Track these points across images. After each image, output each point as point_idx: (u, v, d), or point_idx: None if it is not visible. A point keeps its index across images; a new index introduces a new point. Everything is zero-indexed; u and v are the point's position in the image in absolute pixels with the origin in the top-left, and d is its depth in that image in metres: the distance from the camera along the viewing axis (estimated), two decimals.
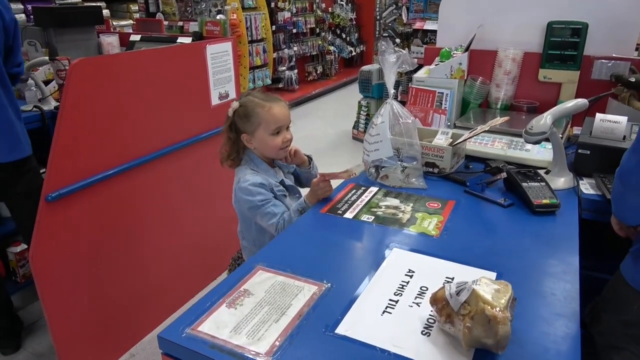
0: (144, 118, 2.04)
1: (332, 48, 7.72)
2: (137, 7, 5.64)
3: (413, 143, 1.46)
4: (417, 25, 4.11)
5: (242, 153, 1.52)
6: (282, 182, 1.52)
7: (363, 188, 1.43)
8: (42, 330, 2.31)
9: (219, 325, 0.85)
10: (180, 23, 5.25)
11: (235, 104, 1.49)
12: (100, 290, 1.99)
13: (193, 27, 4.88)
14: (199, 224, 2.53)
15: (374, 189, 1.42)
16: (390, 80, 1.46)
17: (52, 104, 2.46)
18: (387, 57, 1.43)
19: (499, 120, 1.48)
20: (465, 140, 1.51)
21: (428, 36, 4.19)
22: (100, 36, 2.78)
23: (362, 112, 4.87)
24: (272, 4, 6.11)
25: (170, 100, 2.16)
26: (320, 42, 7.45)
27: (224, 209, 2.72)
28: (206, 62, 2.34)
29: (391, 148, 1.45)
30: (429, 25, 4.06)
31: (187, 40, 2.50)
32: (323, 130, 5.24)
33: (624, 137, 1.45)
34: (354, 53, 8.35)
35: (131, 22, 5.66)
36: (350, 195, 1.39)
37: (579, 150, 1.49)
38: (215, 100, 2.45)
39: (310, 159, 1.64)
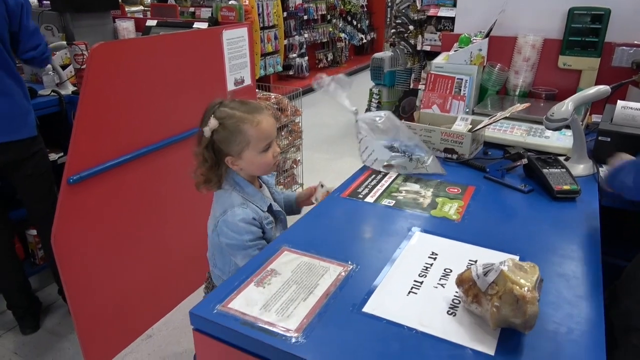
0: (161, 103, 2.05)
1: (342, 35, 7.66)
2: None
3: (400, 131, 1.44)
4: (432, 12, 4.06)
5: (223, 175, 1.29)
6: (269, 209, 1.32)
7: (382, 173, 1.44)
8: (59, 310, 2.36)
9: (248, 302, 0.87)
10: (192, 9, 5.24)
11: (214, 122, 1.21)
12: (118, 273, 2.03)
13: (205, 13, 4.88)
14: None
15: (392, 174, 1.43)
16: (344, 102, 1.43)
17: (70, 88, 2.49)
18: (326, 87, 1.42)
19: (520, 107, 1.47)
20: (485, 126, 1.51)
21: (442, 23, 4.14)
22: (116, 21, 2.79)
23: (373, 99, 4.85)
24: None
25: (187, 85, 2.18)
26: (331, 29, 7.40)
27: None
28: (222, 47, 2.34)
29: (385, 149, 1.43)
30: (443, 12, 4.01)
31: (203, 25, 2.50)
32: (334, 117, 5.22)
33: None
34: (364, 40, 8.28)
35: (142, 7, 5.65)
36: (370, 179, 1.40)
37: (599, 137, 1.48)
38: (231, 86, 2.46)
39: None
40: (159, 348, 2.14)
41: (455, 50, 1.81)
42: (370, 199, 1.28)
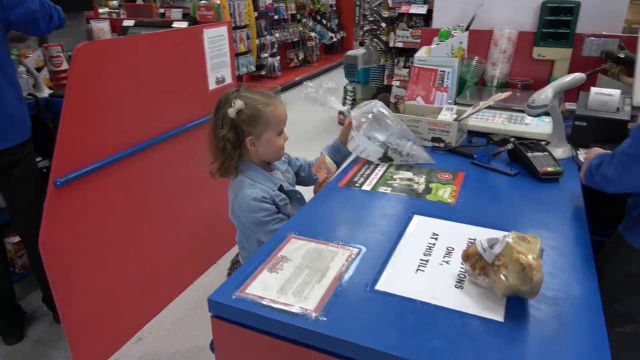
0: (145, 103, 2.04)
1: (313, 34, 7.71)
2: None
3: (390, 127, 1.47)
4: (403, 9, 4.14)
5: (239, 161, 1.38)
6: (280, 188, 1.40)
7: (375, 163, 1.48)
8: (44, 319, 2.31)
9: (265, 287, 0.89)
10: (162, 10, 5.19)
11: (240, 103, 1.30)
12: (106, 275, 2.01)
13: (175, 14, 4.84)
14: (199, 207, 2.55)
15: (385, 164, 1.48)
16: (335, 105, 1.48)
17: (46, 91, 2.44)
18: (315, 95, 1.45)
19: (501, 96, 1.54)
20: (470, 115, 1.57)
21: (413, 20, 4.23)
22: (90, 22, 2.74)
23: (348, 96, 4.91)
24: None
25: (169, 84, 2.17)
26: (301, 29, 7.43)
27: (223, 192, 2.74)
28: (203, 46, 2.34)
29: (376, 146, 1.46)
30: (414, 9, 4.09)
31: (183, 25, 2.49)
32: (309, 116, 5.26)
33: (618, 109, 1.54)
34: (334, 39, 8.36)
35: (107, 9, 5.54)
36: (364, 169, 1.44)
37: (576, 122, 1.57)
38: (212, 85, 2.46)
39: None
40: (150, 351, 2.13)
41: (437, 44, 1.87)
42: (367, 187, 1.32)
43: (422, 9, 4.10)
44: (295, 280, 0.91)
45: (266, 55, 6.54)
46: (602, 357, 0.73)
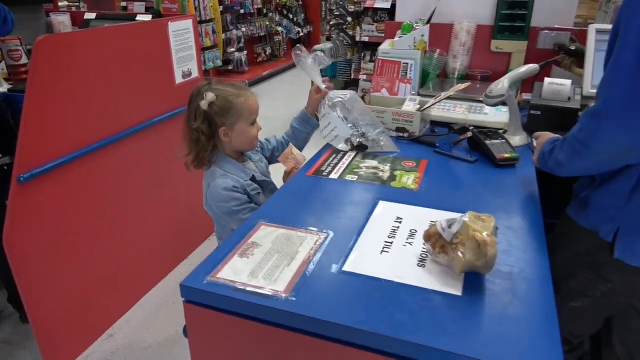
0: (110, 97, 2.01)
1: (280, 29, 7.69)
2: None
3: (361, 112, 1.52)
4: (368, 3, 4.20)
5: (213, 152, 1.41)
6: (253, 178, 1.44)
7: (342, 153, 1.52)
8: (10, 319, 2.26)
9: (236, 271, 0.92)
10: (124, 3, 5.07)
11: (211, 96, 1.34)
12: (75, 272, 1.98)
13: (138, 7, 4.74)
14: (168, 202, 2.54)
15: (351, 153, 1.52)
16: (317, 79, 1.52)
17: (5, 85, 2.36)
18: (304, 61, 1.48)
19: (461, 86, 1.61)
20: (431, 105, 1.64)
21: (378, 14, 4.30)
22: (50, 15, 2.67)
23: None
24: None
25: (135, 78, 2.15)
26: (267, 23, 7.40)
27: (192, 186, 2.74)
28: (169, 39, 2.33)
29: (347, 128, 1.51)
30: (379, 4, 4.16)
31: (147, 18, 2.46)
32: (277, 111, 5.26)
33: (569, 98, 1.63)
34: (301, 34, 8.36)
35: (66, 2, 5.39)
36: (331, 158, 1.48)
37: (531, 111, 1.66)
38: (179, 79, 2.45)
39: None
40: (122, 346, 2.12)
41: (399, 37, 1.93)
42: (334, 175, 1.37)
43: (386, 3, 4.17)
44: (266, 264, 0.94)
45: (233, 49, 6.49)
46: (551, 325, 0.80)
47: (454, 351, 0.74)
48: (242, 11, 6.70)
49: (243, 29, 6.72)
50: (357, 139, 1.51)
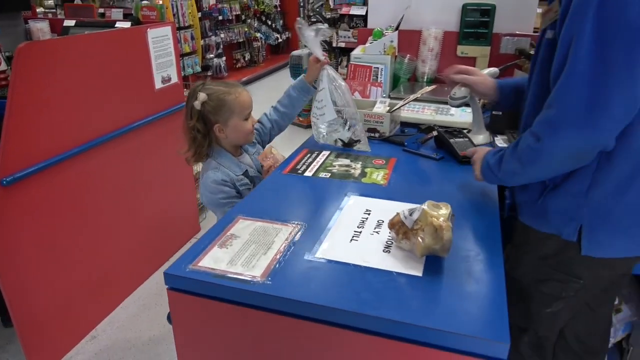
0: (91, 102, 2.07)
1: (258, 35, 7.77)
2: None
3: (348, 104, 1.57)
4: (344, 10, 4.32)
5: (208, 147, 1.51)
6: (245, 174, 1.54)
7: (316, 152, 1.61)
8: None
9: (216, 260, 1.00)
10: (101, 10, 5.08)
11: (203, 96, 1.44)
12: (58, 274, 2.02)
13: (115, 14, 4.76)
14: (150, 205, 2.59)
15: (325, 153, 1.61)
16: (317, 51, 1.55)
17: None
18: (306, 32, 1.50)
19: (427, 89, 1.72)
20: (401, 106, 1.74)
21: (354, 21, 4.42)
22: (29, 22, 2.70)
23: None
24: None
25: (115, 84, 2.20)
26: (246, 29, 7.48)
27: (173, 190, 2.80)
28: (148, 46, 2.39)
29: (334, 111, 1.58)
30: (354, 10, 4.29)
31: (126, 25, 2.52)
32: (257, 116, 5.34)
33: None
34: (280, 40, 8.46)
35: (42, 9, 5.35)
36: (306, 158, 1.56)
37: (493, 112, 1.77)
38: (158, 84, 2.51)
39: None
40: (106, 347, 2.16)
41: (370, 43, 2.03)
42: (308, 173, 1.45)
43: (361, 10, 4.30)
44: (244, 254, 1.02)
45: (211, 56, 6.54)
46: (500, 298, 0.89)
47: (415, 323, 0.83)
48: (220, 18, 6.77)
49: (222, 35, 6.79)
50: (348, 136, 1.59)
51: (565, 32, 0.98)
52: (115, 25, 2.50)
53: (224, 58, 6.76)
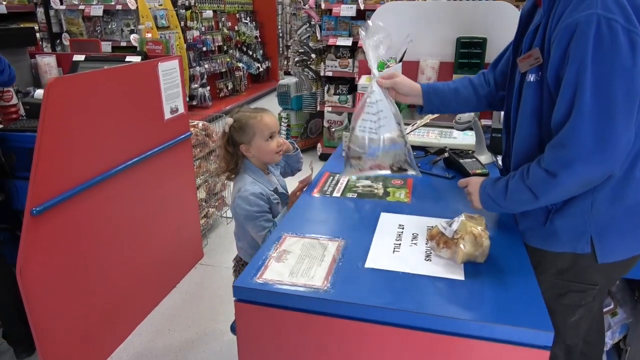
0: (109, 133, 2.15)
1: (240, 65, 7.95)
2: (37, 27, 5.40)
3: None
4: (330, 41, 4.52)
5: (240, 164, 1.71)
6: (275, 190, 1.72)
7: (337, 175, 1.73)
8: (5, 355, 2.26)
9: (277, 273, 1.10)
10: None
11: (230, 120, 1.67)
12: (79, 302, 2.05)
13: (105, 47, 4.85)
14: (158, 232, 2.64)
15: (345, 177, 1.73)
16: (371, 61, 1.51)
17: None
18: (368, 40, 1.47)
19: (434, 115, 1.88)
20: (411, 131, 1.89)
21: (340, 51, 4.63)
22: (36, 57, 2.77)
23: (282, 123, 5.17)
24: (182, 23, 6.20)
25: (130, 115, 2.29)
26: (228, 59, 7.64)
27: (178, 217, 2.86)
28: (159, 79, 2.49)
29: (395, 123, 1.46)
30: (340, 42, 4.49)
31: (136, 59, 2.62)
32: None
33: None
34: (260, 69, 8.65)
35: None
36: (330, 181, 1.68)
37: (493, 134, 1.94)
38: (167, 115, 2.60)
39: (293, 144, 1.85)
40: None
41: None
42: (336, 194, 1.57)
43: (347, 42, 4.51)
44: (301, 266, 1.12)
45: (196, 85, 6.66)
46: (535, 295, 1.02)
47: (469, 319, 0.95)
48: (204, 49, 6.92)
49: (206, 66, 6.92)
50: (398, 164, 1.52)
51: (568, 78, 1.09)
52: (126, 60, 2.60)
53: (208, 88, 6.88)
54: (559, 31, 1.11)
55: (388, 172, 1.54)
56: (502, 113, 1.67)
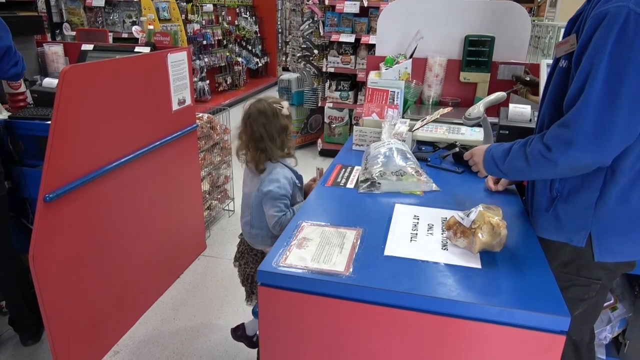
0: (119, 123, 2.16)
1: (239, 59, 7.94)
2: None
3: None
4: (333, 37, 4.55)
5: (258, 152, 1.78)
6: (298, 176, 1.85)
7: (350, 167, 1.76)
8: (11, 342, 2.28)
9: (300, 258, 1.12)
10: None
11: (252, 109, 1.78)
12: (87, 289, 2.07)
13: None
14: (163, 223, 2.66)
15: (358, 167, 1.77)
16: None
17: (5, 113, 2.43)
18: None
19: (445, 111, 1.91)
20: (421, 127, 1.92)
21: (343, 47, 4.66)
22: (43, 45, 2.77)
23: None
24: (183, 16, 6.19)
25: (139, 106, 2.30)
26: (228, 54, 7.64)
27: (183, 208, 2.88)
28: (168, 70, 2.51)
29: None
30: (343, 38, 4.52)
31: (145, 50, 2.63)
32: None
33: (530, 120, 1.97)
34: (259, 64, 8.65)
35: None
36: (342, 172, 1.71)
37: (500, 131, 1.97)
38: (175, 106, 2.61)
39: None
40: None
41: (385, 69, 2.22)
42: (350, 185, 1.60)
43: (350, 38, 4.54)
44: (322, 253, 1.15)
45: (196, 79, 6.65)
46: (550, 282, 1.06)
47: (488, 304, 0.98)
48: (204, 42, 6.91)
49: (205, 60, 6.92)
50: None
51: (584, 64, 1.13)
52: (135, 50, 2.61)
53: (207, 82, 6.88)
54: (589, 18, 1.13)
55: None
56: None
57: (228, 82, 7.74)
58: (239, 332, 2.02)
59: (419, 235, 1.26)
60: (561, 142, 1.15)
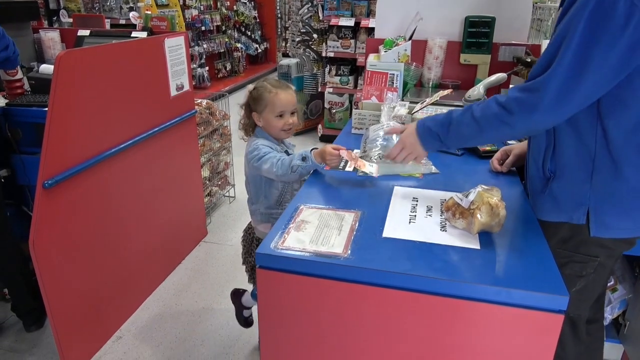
0: (117, 108, 2.15)
1: (239, 45, 7.88)
2: None
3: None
4: (333, 22, 4.49)
5: (253, 127, 1.78)
6: (286, 152, 1.78)
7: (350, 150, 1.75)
8: (13, 328, 2.30)
9: (298, 240, 1.12)
10: None
11: (251, 86, 1.75)
12: (89, 275, 2.08)
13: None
14: (164, 209, 2.66)
15: (357, 151, 1.75)
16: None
17: (2, 100, 2.42)
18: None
19: (444, 92, 1.89)
20: (420, 109, 1.90)
21: (342, 31, 4.60)
22: (40, 32, 2.74)
23: None
24: (181, 1, 6.12)
25: (137, 91, 2.29)
26: (227, 40, 7.57)
27: (183, 194, 2.88)
28: (165, 55, 2.48)
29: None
30: (343, 22, 4.47)
31: (142, 35, 2.60)
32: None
33: None
34: (259, 50, 8.59)
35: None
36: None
37: None
38: (173, 92, 2.60)
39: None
40: (133, 346, 2.21)
41: (384, 52, 2.20)
42: (349, 168, 1.59)
43: (350, 22, 4.49)
44: (320, 235, 1.15)
45: (195, 66, 6.61)
46: (549, 262, 1.05)
47: (486, 284, 0.98)
48: (202, 28, 6.85)
49: (204, 46, 6.87)
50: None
51: (558, 32, 1.13)
52: (132, 35, 2.58)
53: (206, 68, 6.84)
54: None
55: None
56: None
57: (227, 69, 7.70)
58: (237, 297, 2.05)
59: (417, 217, 1.25)
60: (525, 106, 1.15)
